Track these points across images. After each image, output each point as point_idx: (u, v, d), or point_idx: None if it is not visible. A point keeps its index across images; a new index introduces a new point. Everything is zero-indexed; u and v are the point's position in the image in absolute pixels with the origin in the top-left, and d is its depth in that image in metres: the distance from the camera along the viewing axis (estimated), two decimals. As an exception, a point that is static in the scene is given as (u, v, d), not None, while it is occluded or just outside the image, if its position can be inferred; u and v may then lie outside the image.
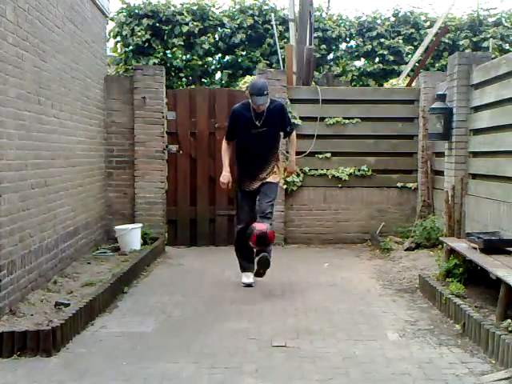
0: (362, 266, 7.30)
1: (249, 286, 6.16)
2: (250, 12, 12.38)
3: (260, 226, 5.74)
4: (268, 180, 6.08)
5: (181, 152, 8.63)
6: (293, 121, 8.06)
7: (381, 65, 12.36)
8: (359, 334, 4.58)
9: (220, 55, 12.71)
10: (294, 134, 6.40)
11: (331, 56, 12.81)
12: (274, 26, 11.17)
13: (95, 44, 7.73)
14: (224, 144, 6.29)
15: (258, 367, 3.89)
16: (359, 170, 8.79)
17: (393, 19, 12.80)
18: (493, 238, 5.37)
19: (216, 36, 12.37)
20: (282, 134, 6.30)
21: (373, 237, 8.68)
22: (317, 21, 11.84)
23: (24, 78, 5.10)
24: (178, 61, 12.17)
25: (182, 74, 12.60)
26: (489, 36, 12.00)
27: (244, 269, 6.29)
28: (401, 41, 12.36)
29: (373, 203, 8.87)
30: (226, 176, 6.20)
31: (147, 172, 8.27)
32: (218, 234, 8.74)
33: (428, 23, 12.62)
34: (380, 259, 7.63)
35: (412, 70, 10.56)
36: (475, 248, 5.25)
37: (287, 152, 7.42)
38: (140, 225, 7.82)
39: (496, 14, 12.76)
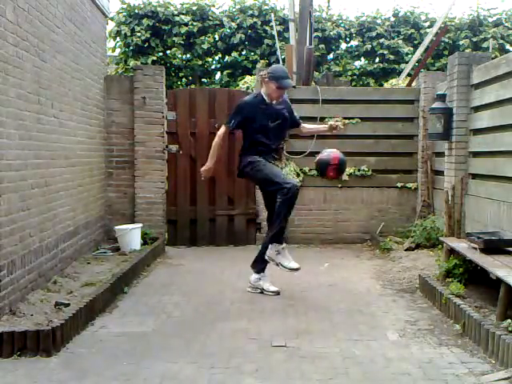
0: (362, 265, 7.30)
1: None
2: (250, 12, 12.40)
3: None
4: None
5: (181, 152, 8.62)
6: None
7: (381, 64, 12.38)
8: (359, 334, 4.58)
9: (220, 55, 12.73)
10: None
11: (331, 56, 12.84)
12: (274, 26, 11.17)
13: (95, 44, 7.72)
14: (222, 132, 5.77)
15: (258, 367, 3.89)
16: (359, 170, 8.78)
17: (393, 19, 12.83)
18: (493, 237, 5.36)
19: (216, 36, 12.39)
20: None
21: (373, 237, 8.68)
22: (317, 21, 11.85)
23: (24, 78, 5.10)
24: (177, 60, 12.19)
25: (181, 74, 12.63)
26: (489, 36, 12.02)
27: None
28: (401, 41, 12.37)
29: (373, 203, 8.87)
30: (210, 170, 5.86)
31: (147, 172, 8.26)
32: (218, 234, 8.74)
33: (428, 23, 12.65)
34: (380, 259, 7.63)
35: (412, 70, 10.56)
36: (475, 248, 5.24)
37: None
38: (140, 225, 7.81)
39: (496, 13, 12.80)
